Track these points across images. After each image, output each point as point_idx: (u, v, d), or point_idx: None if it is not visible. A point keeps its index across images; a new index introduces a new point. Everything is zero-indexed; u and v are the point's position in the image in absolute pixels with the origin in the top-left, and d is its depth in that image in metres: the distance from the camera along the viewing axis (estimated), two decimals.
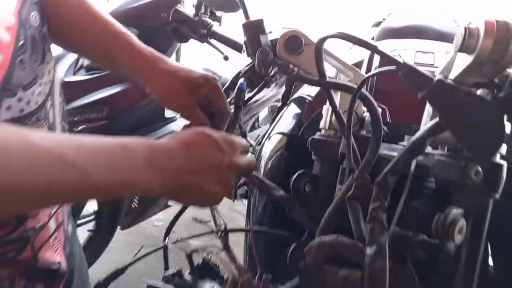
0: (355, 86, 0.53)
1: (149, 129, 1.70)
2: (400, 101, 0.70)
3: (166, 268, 0.63)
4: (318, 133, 0.67)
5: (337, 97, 0.61)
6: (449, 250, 0.48)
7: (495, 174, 0.48)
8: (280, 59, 0.60)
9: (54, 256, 0.59)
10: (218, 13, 1.68)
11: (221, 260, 0.54)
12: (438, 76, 0.41)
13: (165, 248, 0.62)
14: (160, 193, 0.47)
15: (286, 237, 0.64)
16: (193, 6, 1.65)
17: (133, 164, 0.43)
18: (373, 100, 0.52)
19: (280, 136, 0.83)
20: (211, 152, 0.49)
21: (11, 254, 0.51)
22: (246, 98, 0.69)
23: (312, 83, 0.57)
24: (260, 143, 0.87)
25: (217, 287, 0.55)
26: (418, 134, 0.46)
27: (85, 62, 1.60)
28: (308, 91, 0.87)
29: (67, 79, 1.60)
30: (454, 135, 0.42)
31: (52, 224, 0.58)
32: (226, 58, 1.56)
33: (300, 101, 0.85)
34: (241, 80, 0.61)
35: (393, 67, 0.44)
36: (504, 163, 0.48)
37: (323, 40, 0.49)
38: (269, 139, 0.85)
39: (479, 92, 0.44)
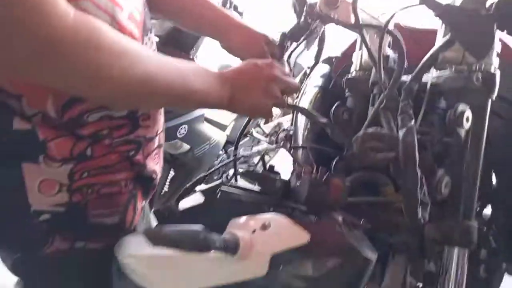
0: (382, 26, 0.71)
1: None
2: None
3: (236, 179, 0.79)
4: (350, 75, 0.85)
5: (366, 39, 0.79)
6: (460, 135, 0.66)
7: (491, 79, 0.66)
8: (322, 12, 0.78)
9: (155, 166, 0.76)
10: (240, 9, 1.88)
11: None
12: (448, 2, 0.59)
13: (235, 160, 0.79)
14: (224, 103, 0.66)
15: (331, 152, 0.81)
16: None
17: (212, 81, 0.64)
18: (397, 33, 0.70)
19: (315, 89, 1.01)
20: (253, 71, 0.68)
21: (132, 153, 0.68)
22: (290, 51, 0.87)
23: (350, 25, 0.75)
24: (297, 97, 1.04)
25: (283, 178, 0.71)
26: (434, 48, 0.64)
27: None
28: (333, 52, 1.05)
29: None
30: (460, 42, 0.59)
31: (156, 141, 0.75)
32: None
33: (328, 60, 1.03)
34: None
35: (416, 2, 0.62)
36: (497, 72, 0.66)
37: None
38: (305, 93, 1.03)
39: None
